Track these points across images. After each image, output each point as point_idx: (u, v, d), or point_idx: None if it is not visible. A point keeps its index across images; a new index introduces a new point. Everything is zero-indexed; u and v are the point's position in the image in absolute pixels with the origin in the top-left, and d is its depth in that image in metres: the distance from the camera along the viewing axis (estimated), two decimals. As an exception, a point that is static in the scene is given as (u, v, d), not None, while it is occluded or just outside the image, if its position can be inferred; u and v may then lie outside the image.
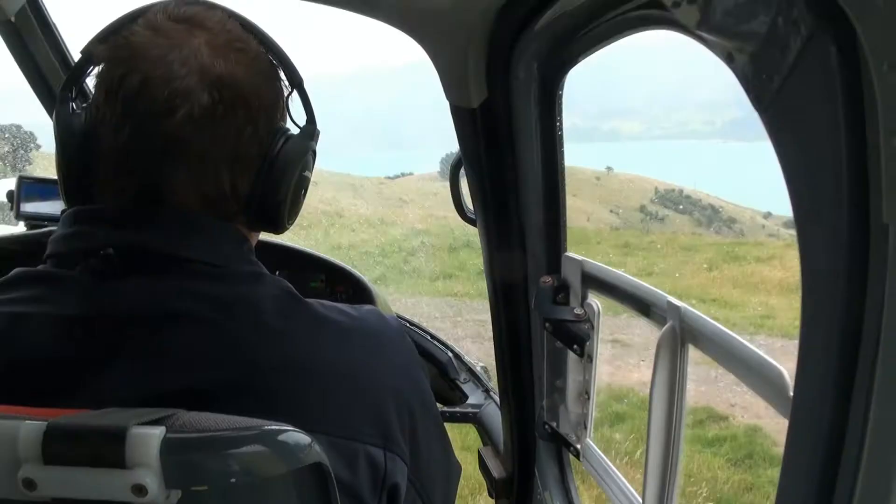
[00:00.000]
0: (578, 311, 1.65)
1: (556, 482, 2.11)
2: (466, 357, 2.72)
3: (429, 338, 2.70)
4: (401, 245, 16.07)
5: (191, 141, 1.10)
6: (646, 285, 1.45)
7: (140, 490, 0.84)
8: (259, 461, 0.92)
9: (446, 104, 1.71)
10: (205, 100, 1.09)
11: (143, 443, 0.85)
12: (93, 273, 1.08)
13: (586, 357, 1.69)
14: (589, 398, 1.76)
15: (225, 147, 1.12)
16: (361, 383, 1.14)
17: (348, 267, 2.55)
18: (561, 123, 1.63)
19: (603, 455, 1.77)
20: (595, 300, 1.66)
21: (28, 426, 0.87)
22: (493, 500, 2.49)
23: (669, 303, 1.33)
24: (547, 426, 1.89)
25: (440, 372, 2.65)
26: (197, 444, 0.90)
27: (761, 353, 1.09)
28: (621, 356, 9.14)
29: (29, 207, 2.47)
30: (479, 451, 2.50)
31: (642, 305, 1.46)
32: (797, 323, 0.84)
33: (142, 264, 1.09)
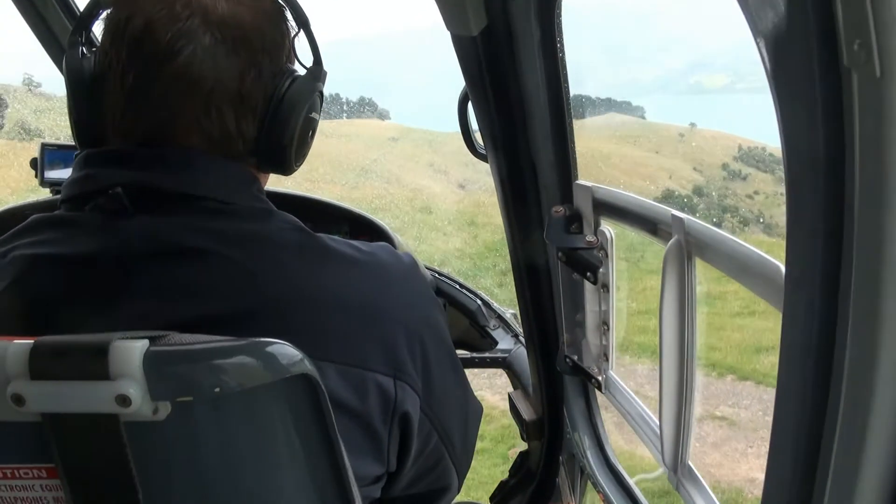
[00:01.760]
0: (591, 238, 1.62)
1: (583, 419, 2.10)
2: (496, 304, 2.72)
3: (458, 287, 2.70)
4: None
5: (195, 82, 1.11)
6: (652, 203, 1.41)
7: (124, 400, 0.85)
8: (244, 371, 0.91)
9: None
10: (207, 41, 1.10)
11: (125, 354, 0.85)
12: (103, 212, 1.11)
13: (601, 286, 1.66)
14: (609, 329, 1.73)
15: (229, 87, 1.13)
16: (371, 314, 1.15)
17: (370, 215, 2.56)
18: (562, 45, 1.58)
19: (625, 385, 1.75)
20: (608, 227, 1.63)
21: (16, 345, 0.88)
22: (526, 443, 2.50)
23: (674, 216, 1.29)
24: (568, 360, 1.87)
25: (470, 319, 2.66)
26: (180, 355, 0.90)
27: (761, 252, 1.06)
28: (727, 440, 7.47)
29: (52, 174, 2.50)
30: (509, 395, 2.50)
31: (650, 225, 1.42)
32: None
33: (151, 202, 1.10)
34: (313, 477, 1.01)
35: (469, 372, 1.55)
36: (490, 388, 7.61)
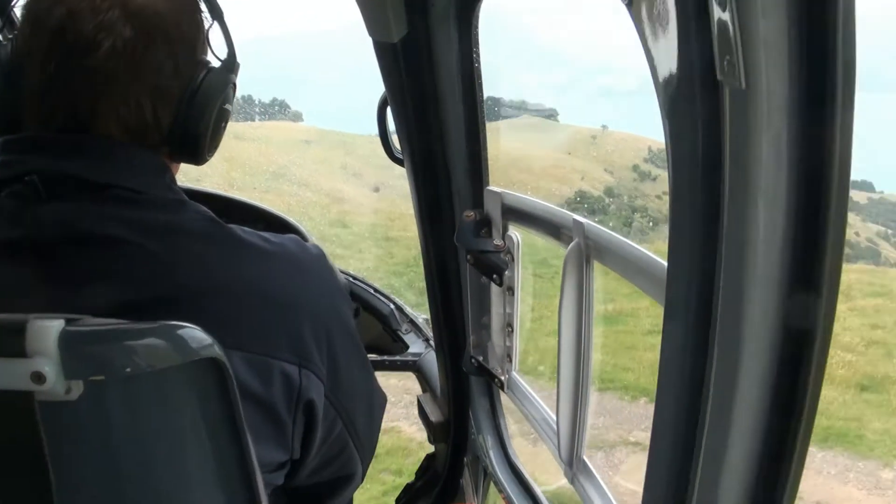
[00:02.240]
0: (498, 242, 1.69)
1: (487, 420, 2.16)
2: (408, 309, 2.76)
3: (372, 291, 2.73)
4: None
5: (114, 74, 1.13)
6: (555, 208, 1.49)
7: (39, 378, 0.87)
8: (155, 353, 0.94)
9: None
10: (127, 33, 1.12)
11: (42, 332, 0.88)
12: (17, 198, 1.12)
13: (507, 289, 1.73)
14: (513, 331, 1.80)
15: (147, 79, 1.16)
16: (278, 304, 1.19)
17: (286, 216, 2.57)
18: (478, 55, 1.65)
19: (526, 386, 1.82)
20: (515, 233, 1.70)
21: None
22: (433, 446, 2.54)
23: (574, 220, 1.37)
24: (474, 360, 1.93)
25: (382, 323, 2.69)
26: (94, 335, 0.92)
27: (650, 253, 1.14)
28: (641, 467, 7.78)
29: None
30: (418, 398, 2.54)
31: (554, 229, 1.50)
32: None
33: (65, 190, 1.12)
34: (218, 460, 1.04)
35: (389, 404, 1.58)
36: (406, 419, 7.51)
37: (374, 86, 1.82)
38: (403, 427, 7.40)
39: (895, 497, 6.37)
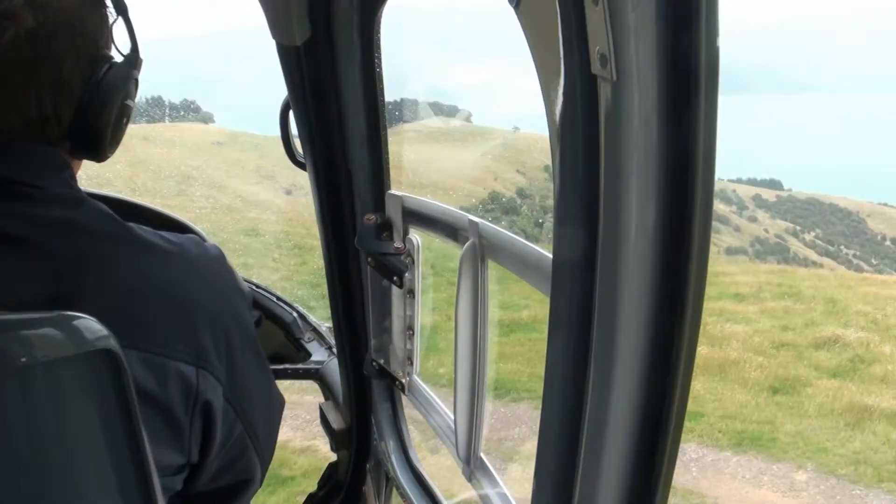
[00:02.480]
0: (398, 244, 1.71)
1: (389, 425, 2.17)
2: (312, 317, 2.75)
3: (275, 299, 2.70)
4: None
5: (14, 64, 1.11)
6: (453, 209, 1.52)
7: None
8: (50, 342, 0.93)
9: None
10: (30, 22, 1.10)
11: None
12: None
13: (407, 291, 1.75)
14: (414, 333, 1.82)
15: (48, 71, 1.13)
16: (176, 304, 1.18)
17: (186, 220, 2.52)
18: (380, 60, 1.67)
19: (427, 388, 1.84)
20: (416, 236, 1.72)
21: None
22: (335, 454, 2.53)
23: (470, 220, 1.40)
24: (375, 364, 1.94)
25: (285, 332, 2.66)
26: None
27: (538, 248, 1.18)
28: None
29: None
30: (320, 406, 2.52)
31: (451, 230, 1.53)
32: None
33: None
34: (113, 459, 1.02)
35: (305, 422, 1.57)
36: (324, 437, 7.18)
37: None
38: (321, 446, 7.18)
39: (809, 499, 6.59)
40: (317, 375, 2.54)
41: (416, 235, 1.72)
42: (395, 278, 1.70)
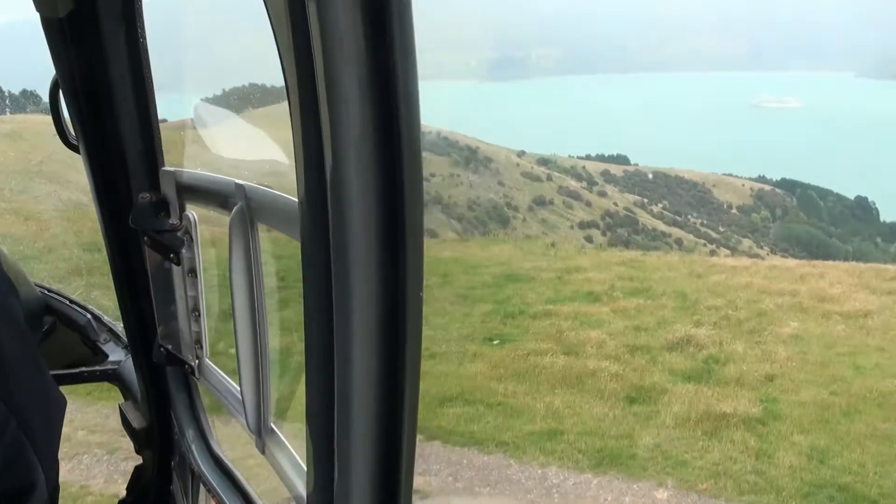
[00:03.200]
0: (174, 221, 1.66)
1: (188, 415, 2.10)
2: (106, 318, 2.61)
3: (68, 303, 2.55)
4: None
5: None
6: (221, 177, 1.50)
7: None
8: None
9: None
10: None
11: None
12: None
13: (188, 271, 1.70)
14: (200, 315, 1.77)
15: None
16: None
17: None
18: (144, 34, 1.62)
19: (218, 369, 1.80)
20: (193, 212, 1.68)
21: None
22: (139, 455, 2.41)
23: (237, 184, 1.39)
24: (163, 349, 1.87)
25: (81, 335, 2.53)
26: None
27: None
28: None
29: None
30: (119, 407, 2.40)
31: (222, 199, 1.50)
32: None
33: None
34: None
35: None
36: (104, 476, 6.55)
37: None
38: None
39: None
40: (114, 376, 2.42)
41: (193, 212, 1.68)
42: (171, 255, 1.65)
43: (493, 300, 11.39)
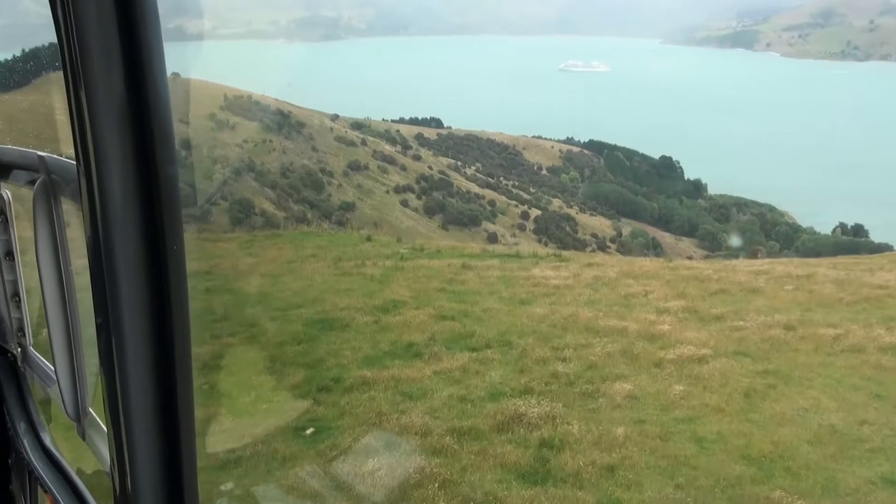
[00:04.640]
0: (-18, 200, 1.57)
1: (18, 408, 1.99)
2: None
3: None
4: None
5: None
6: (24, 150, 1.43)
7: None
8: None
9: None
10: None
11: None
12: None
13: (5, 254, 1.62)
14: (21, 301, 1.69)
15: None
16: None
17: None
18: None
19: (42, 357, 1.72)
20: (6, 191, 1.60)
21: None
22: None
23: (38, 156, 1.33)
24: (-20, 338, 1.77)
25: None
26: None
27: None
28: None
29: None
30: None
31: (28, 173, 1.43)
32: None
33: None
34: None
35: None
36: None
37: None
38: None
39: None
40: None
41: (7, 190, 1.60)
42: (-20, 237, 1.56)
43: (305, 363, 9.31)
